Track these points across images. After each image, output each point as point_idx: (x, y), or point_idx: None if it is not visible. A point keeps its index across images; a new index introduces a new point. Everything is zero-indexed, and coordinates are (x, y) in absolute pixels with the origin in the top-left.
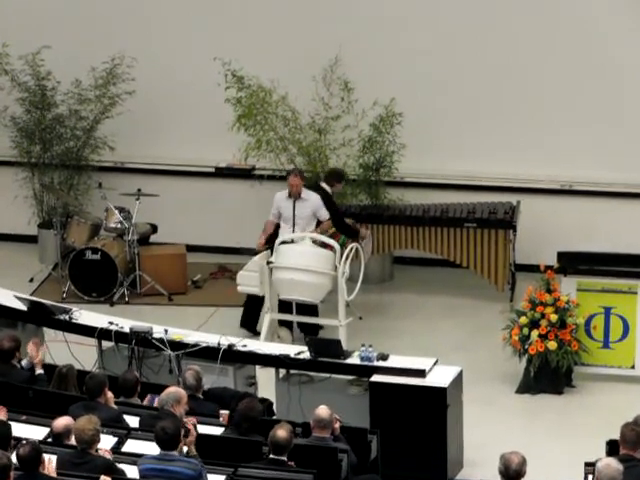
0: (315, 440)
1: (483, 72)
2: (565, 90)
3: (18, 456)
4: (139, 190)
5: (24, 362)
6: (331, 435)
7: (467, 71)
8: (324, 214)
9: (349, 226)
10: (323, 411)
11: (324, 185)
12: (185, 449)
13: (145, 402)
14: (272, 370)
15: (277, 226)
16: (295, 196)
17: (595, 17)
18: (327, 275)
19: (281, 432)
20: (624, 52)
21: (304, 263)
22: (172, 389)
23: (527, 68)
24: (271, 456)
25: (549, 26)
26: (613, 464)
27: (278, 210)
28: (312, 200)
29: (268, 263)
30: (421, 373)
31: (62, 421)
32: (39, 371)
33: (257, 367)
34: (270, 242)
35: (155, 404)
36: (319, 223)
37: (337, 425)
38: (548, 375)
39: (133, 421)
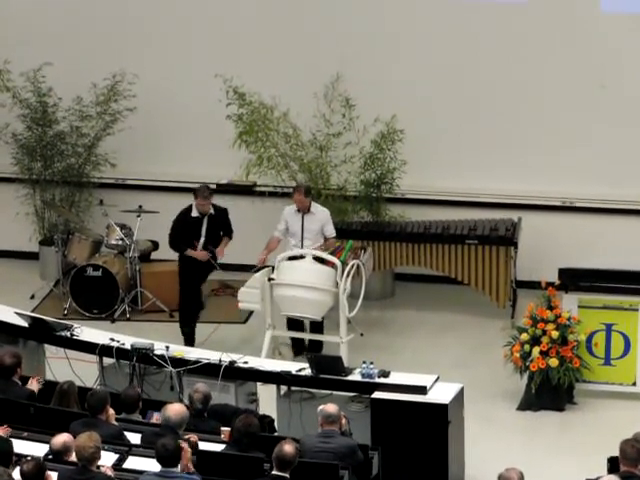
0: (325, 434)
1: (483, 89)
2: (565, 106)
3: (22, 472)
4: (140, 207)
5: None
6: (339, 429)
7: (468, 88)
8: (330, 230)
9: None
10: (331, 407)
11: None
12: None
13: (154, 420)
14: (273, 387)
15: (278, 242)
16: (304, 210)
17: (595, 23)
18: (328, 292)
19: (288, 447)
20: (625, 61)
21: (305, 280)
22: (183, 410)
23: (526, 85)
24: (274, 472)
25: (547, 37)
26: None
27: (286, 225)
28: (320, 215)
29: (269, 280)
30: (422, 390)
31: (60, 438)
32: None
33: (258, 384)
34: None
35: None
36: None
37: (344, 421)
38: (549, 392)
39: (134, 438)
